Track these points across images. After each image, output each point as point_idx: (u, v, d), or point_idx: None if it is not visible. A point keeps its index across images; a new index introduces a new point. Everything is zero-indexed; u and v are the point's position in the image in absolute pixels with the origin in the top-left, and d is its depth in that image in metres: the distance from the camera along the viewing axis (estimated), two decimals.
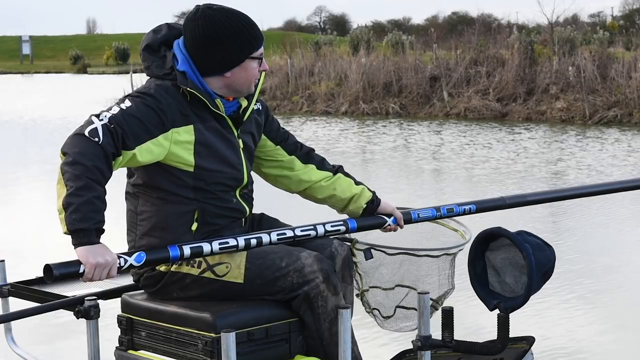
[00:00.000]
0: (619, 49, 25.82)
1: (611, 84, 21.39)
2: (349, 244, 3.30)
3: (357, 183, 3.27)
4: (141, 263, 2.79)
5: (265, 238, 2.97)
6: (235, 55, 2.98)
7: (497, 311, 2.93)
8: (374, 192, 3.28)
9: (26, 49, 80.00)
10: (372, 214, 3.24)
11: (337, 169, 3.28)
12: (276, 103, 26.12)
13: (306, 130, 19.52)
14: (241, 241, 2.92)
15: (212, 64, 2.98)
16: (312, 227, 3.06)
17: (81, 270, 2.65)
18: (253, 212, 3.18)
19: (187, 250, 2.84)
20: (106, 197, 2.75)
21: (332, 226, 3.12)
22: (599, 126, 20.06)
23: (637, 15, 36.10)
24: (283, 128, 3.28)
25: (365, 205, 3.24)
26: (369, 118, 23.47)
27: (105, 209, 2.73)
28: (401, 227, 3.27)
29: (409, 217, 3.31)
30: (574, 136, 18.08)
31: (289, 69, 26.85)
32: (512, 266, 2.96)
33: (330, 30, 45.28)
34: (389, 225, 3.25)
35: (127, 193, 3.07)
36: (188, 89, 2.93)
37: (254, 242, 2.95)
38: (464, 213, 3.40)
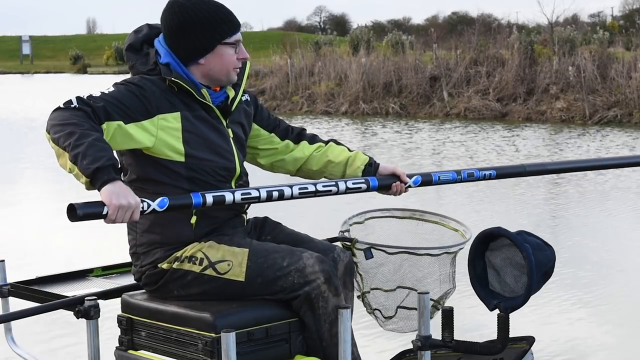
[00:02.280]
0: (619, 49, 25.85)
1: (611, 84, 21.40)
2: (349, 243, 3.30)
3: (351, 150, 3.32)
4: (164, 208, 2.75)
5: (287, 191, 2.95)
6: (206, 41, 3.00)
7: (497, 311, 2.93)
8: (370, 157, 3.30)
9: (26, 49, 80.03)
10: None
11: (329, 140, 3.34)
12: (276, 103, 26.13)
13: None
14: (263, 192, 2.91)
15: (187, 51, 3.01)
16: (334, 183, 3.06)
17: (104, 212, 2.62)
18: (257, 215, 3.19)
19: (209, 197, 2.81)
20: (108, 143, 2.72)
21: (353, 183, 3.11)
22: (599, 126, 20.07)
23: (637, 15, 36.10)
24: (273, 115, 3.32)
25: (363, 167, 3.26)
26: (369, 118, 23.47)
27: (111, 149, 2.71)
28: (405, 184, 3.26)
29: (430, 179, 3.31)
30: (574, 136, 18.08)
31: (289, 69, 26.86)
32: (512, 266, 2.96)
33: (330, 30, 45.29)
34: (399, 184, 3.24)
35: None
36: (173, 79, 2.95)
37: (275, 194, 2.93)
38: (484, 178, 3.42)
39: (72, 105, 2.79)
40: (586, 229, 9.17)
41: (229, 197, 2.85)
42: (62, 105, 2.82)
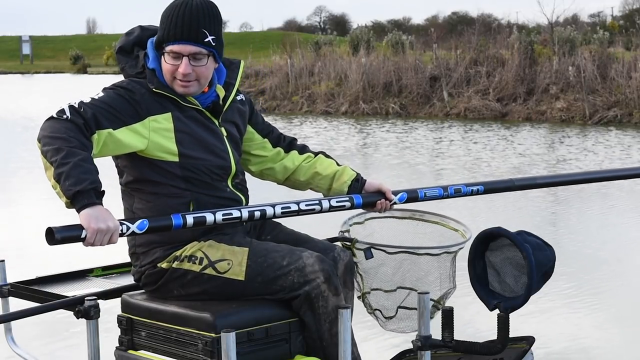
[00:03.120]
0: (619, 49, 25.87)
1: (611, 84, 21.40)
2: (349, 243, 3.29)
3: (339, 164, 3.31)
4: (143, 230, 2.76)
5: (269, 211, 2.95)
6: (156, 44, 3.01)
7: (497, 311, 2.93)
8: (358, 173, 3.30)
9: (26, 49, 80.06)
10: (358, 193, 3.23)
11: (318, 152, 3.33)
12: (276, 103, 26.13)
13: (306, 130, 19.53)
14: (245, 212, 2.91)
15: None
16: (317, 201, 3.06)
17: (83, 235, 2.64)
18: None
19: (190, 219, 2.82)
20: (94, 163, 2.72)
21: (337, 202, 3.11)
22: (599, 126, 20.07)
23: (637, 15, 36.12)
24: (267, 122, 3.32)
25: (350, 183, 3.25)
26: (369, 118, 23.46)
27: (96, 171, 2.70)
28: (390, 200, 3.26)
29: (416, 196, 3.29)
30: (574, 136, 18.08)
31: (289, 69, 26.86)
32: (512, 266, 2.96)
33: (330, 30, 45.31)
34: (384, 201, 3.25)
35: (122, 192, 3.08)
36: (154, 89, 2.94)
37: (257, 214, 2.93)
38: (472, 194, 3.39)
39: (64, 117, 2.79)
40: (586, 228, 9.17)
41: (209, 217, 2.85)
42: (54, 115, 2.82)
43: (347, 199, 3.14)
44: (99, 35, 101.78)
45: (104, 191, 2.70)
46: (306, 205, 3.03)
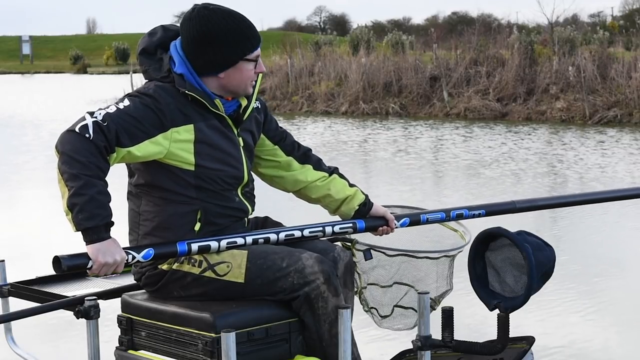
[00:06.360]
0: (619, 49, 25.86)
1: (611, 84, 21.39)
2: (349, 243, 3.30)
3: (351, 185, 3.30)
4: (149, 259, 2.85)
5: (273, 237, 3.00)
6: (228, 56, 2.98)
7: (497, 311, 2.93)
8: (366, 195, 3.30)
9: (26, 49, 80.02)
10: (363, 217, 3.25)
11: (332, 170, 3.30)
12: (276, 103, 26.12)
13: (306, 130, 19.54)
14: (249, 239, 2.96)
15: (206, 64, 2.98)
16: (320, 227, 3.09)
17: (89, 266, 2.73)
18: (257, 215, 3.18)
19: (194, 246, 2.89)
20: (108, 188, 2.78)
21: (340, 228, 3.15)
22: (599, 126, 20.06)
23: (637, 15, 36.11)
24: (281, 127, 3.29)
25: (357, 207, 3.25)
26: (369, 118, 23.47)
27: (110, 201, 2.77)
28: (392, 229, 3.29)
29: (418, 219, 3.32)
30: (574, 136, 18.08)
31: (289, 69, 26.85)
32: (512, 266, 2.96)
33: (330, 30, 45.28)
34: (386, 227, 3.27)
35: (129, 192, 3.08)
36: (186, 91, 2.93)
37: (261, 241, 2.98)
38: (474, 217, 3.41)
39: (87, 135, 2.77)
40: (586, 228, 9.17)
41: (214, 244, 2.92)
42: (77, 130, 2.79)
43: (351, 224, 3.19)
44: (99, 35, 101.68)
45: (113, 222, 2.76)
46: (310, 232, 3.09)
